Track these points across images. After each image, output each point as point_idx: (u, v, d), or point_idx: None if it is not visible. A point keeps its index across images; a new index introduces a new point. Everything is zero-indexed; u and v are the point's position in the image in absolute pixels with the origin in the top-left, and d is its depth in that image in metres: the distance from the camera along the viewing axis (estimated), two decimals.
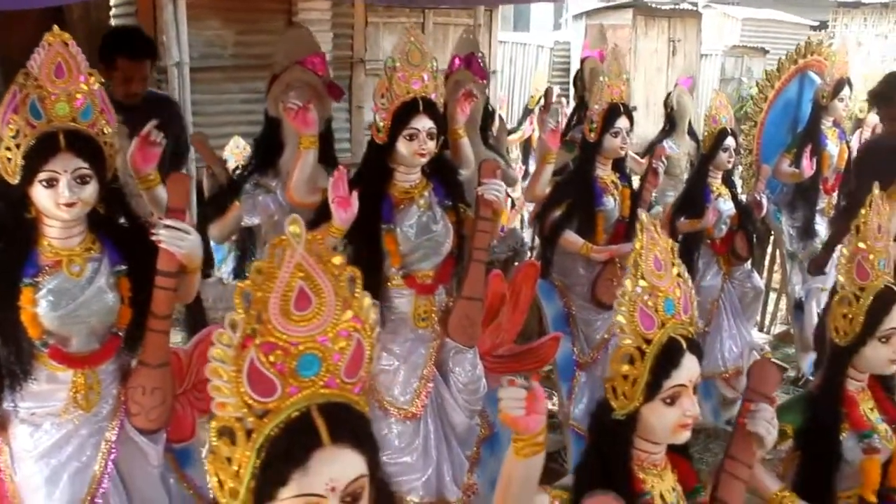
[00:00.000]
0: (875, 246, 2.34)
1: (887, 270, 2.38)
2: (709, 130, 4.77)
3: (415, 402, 3.28)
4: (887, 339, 2.32)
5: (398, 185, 3.23)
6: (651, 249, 1.79)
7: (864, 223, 2.35)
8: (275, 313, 1.26)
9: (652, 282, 1.78)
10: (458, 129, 3.78)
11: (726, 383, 4.90)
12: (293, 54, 3.69)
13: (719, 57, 15.35)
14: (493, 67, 11.38)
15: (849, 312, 2.34)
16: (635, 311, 1.77)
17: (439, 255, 3.29)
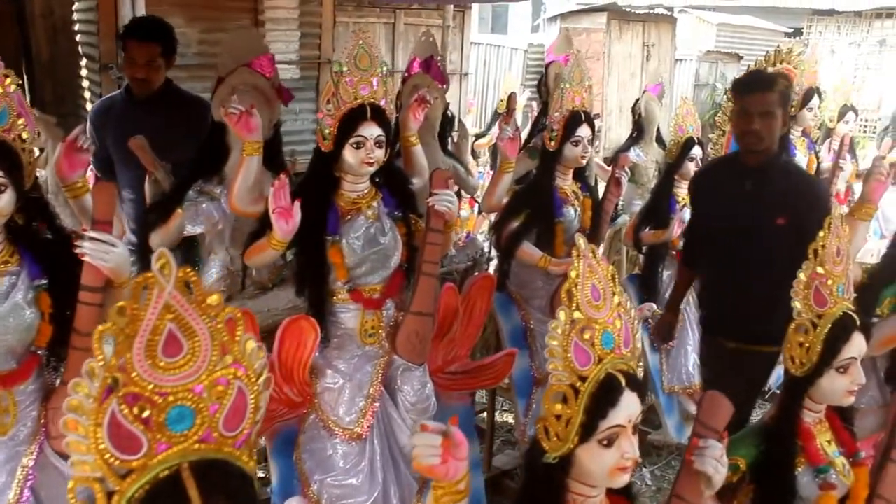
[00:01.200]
0: (834, 271, 2.21)
1: (846, 296, 2.25)
2: (675, 139, 4.67)
3: (360, 422, 3.13)
4: (845, 369, 2.19)
5: (345, 194, 3.10)
6: (588, 278, 1.65)
7: (823, 246, 2.23)
8: (140, 360, 1.10)
9: (588, 313, 1.64)
10: (411, 136, 3.64)
11: (691, 398, 4.78)
12: (239, 56, 3.54)
13: (694, 62, 15.30)
14: (465, 70, 11.32)
15: (805, 341, 2.21)
16: (569, 345, 1.62)
17: (387, 268, 3.16)
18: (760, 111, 3.32)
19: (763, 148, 3.39)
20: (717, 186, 3.65)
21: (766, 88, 3.37)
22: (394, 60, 10.11)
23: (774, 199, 3.34)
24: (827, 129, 6.62)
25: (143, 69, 4.01)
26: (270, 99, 3.57)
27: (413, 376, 3.24)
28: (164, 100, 4.10)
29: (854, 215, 2.96)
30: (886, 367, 3.03)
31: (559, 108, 3.84)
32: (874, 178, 2.95)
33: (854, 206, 3.00)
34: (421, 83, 4.24)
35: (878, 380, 3.09)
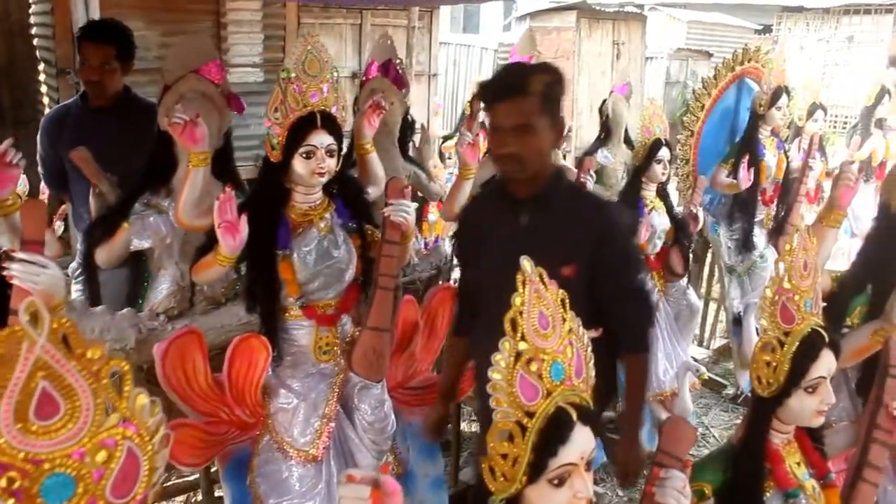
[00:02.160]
0: (801, 285, 2.11)
1: (815, 311, 2.15)
2: (642, 141, 4.56)
3: (316, 443, 3.01)
4: (814, 388, 2.09)
5: (296, 206, 2.97)
6: (535, 304, 1.53)
7: (790, 260, 2.12)
8: (7, 425, 0.97)
9: (535, 343, 1.52)
10: (366, 143, 3.51)
11: (662, 405, 4.68)
12: (187, 62, 3.40)
13: (664, 60, 15.26)
14: (434, 70, 11.19)
15: (772, 360, 2.10)
16: (514, 379, 1.50)
17: (342, 282, 3.04)
18: (513, 125, 2.54)
19: (526, 175, 2.64)
20: (486, 224, 2.89)
21: (514, 94, 2.52)
22: (360, 62, 9.97)
23: (555, 239, 2.60)
24: (796, 128, 6.56)
25: (97, 72, 3.88)
26: (220, 107, 3.44)
27: (371, 394, 3.13)
28: (121, 108, 3.98)
29: (822, 222, 2.86)
30: (857, 378, 2.94)
31: None
32: (842, 183, 2.85)
33: (822, 212, 2.90)
34: (379, 87, 4.12)
35: (850, 391, 3.00)
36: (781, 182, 5.51)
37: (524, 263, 1.53)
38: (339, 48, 9.98)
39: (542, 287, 1.54)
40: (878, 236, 2.93)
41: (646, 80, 14.20)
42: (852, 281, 2.87)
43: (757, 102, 5.33)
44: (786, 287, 2.11)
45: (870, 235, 2.99)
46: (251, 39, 8.36)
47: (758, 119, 5.34)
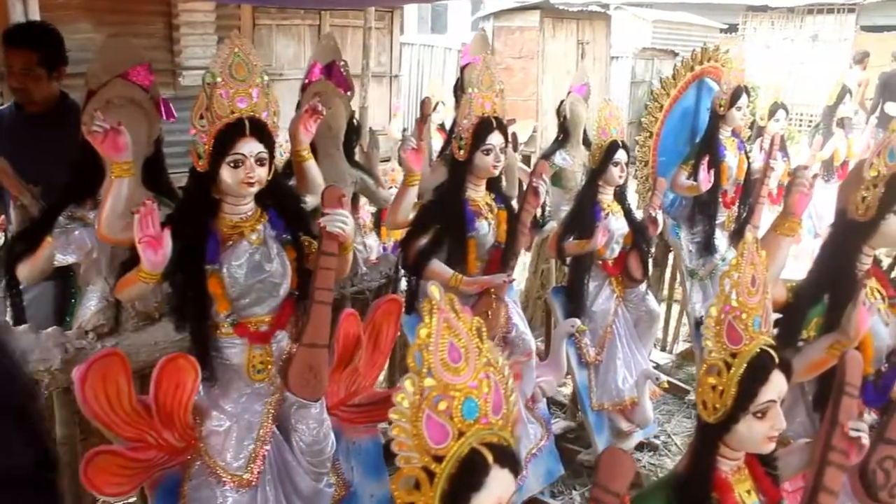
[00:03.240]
0: (748, 302, 1.96)
1: (764, 330, 2.00)
2: (597, 143, 4.43)
3: (250, 467, 2.85)
4: (764, 413, 1.94)
5: (225, 218, 2.81)
6: (445, 335, 1.37)
7: (736, 276, 1.99)
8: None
9: (444, 379, 1.36)
10: (302, 150, 3.35)
11: (621, 414, 4.55)
12: (113, 66, 3.22)
13: (629, 60, 15.17)
14: (395, 71, 11.05)
15: (718, 383, 1.95)
16: (420, 420, 1.34)
17: (275, 297, 2.88)
18: None
19: None
20: None
21: None
22: None
23: None
24: (758, 128, 6.46)
25: (21, 78, 3.70)
26: (149, 113, 3.27)
27: (308, 414, 2.96)
28: (55, 114, 3.79)
29: (777, 231, 2.72)
30: (814, 392, 2.81)
31: (467, 115, 3.57)
32: (796, 189, 2.71)
33: (776, 220, 2.75)
34: (322, 90, 3.96)
35: (807, 406, 2.87)
36: (743, 183, 5.41)
37: (432, 290, 1.38)
38: (297, 50, 9.83)
39: (452, 316, 1.38)
40: (835, 243, 2.80)
41: (611, 80, 14.12)
42: (808, 291, 2.74)
43: (717, 102, 5.21)
44: (732, 305, 1.97)
45: (826, 243, 2.86)
46: (205, 41, 8.18)
47: (718, 119, 5.23)
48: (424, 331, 1.36)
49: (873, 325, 2.67)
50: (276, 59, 9.60)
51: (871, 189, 2.69)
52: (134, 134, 3.05)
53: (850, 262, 2.73)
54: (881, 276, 2.88)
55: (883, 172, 2.68)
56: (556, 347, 4.14)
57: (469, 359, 1.39)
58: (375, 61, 10.47)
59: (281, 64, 9.64)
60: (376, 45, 10.48)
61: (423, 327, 1.36)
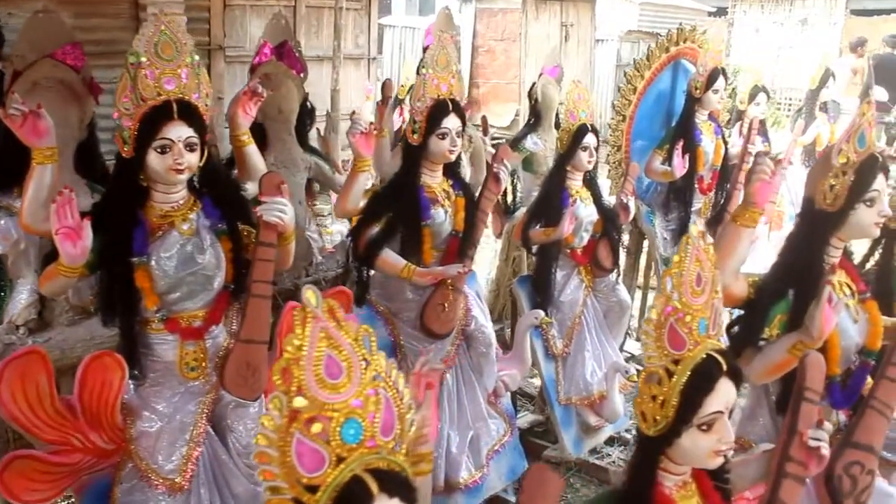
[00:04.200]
0: (693, 303, 1.77)
1: (712, 333, 1.81)
2: (565, 127, 4.25)
3: (182, 470, 2.68)
4: (709, 426, 1.76)
5: (155, 207, 2.65)
6: (321, 347, 1.19)
7: (679, 274, 1.80)
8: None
9: (320, 397, 1.18)
10: (241, 134, 3.17)
11: (590, 409, 4.40)
12: (40, 45, 3.04)
13: (615, 43, 14.96)
14: (373, 54, 10.83)
15: (659, 393, 1.76)
16: (289, 445, 1.17)
17: (209, 291, 2.72)
18: None
19: None
20: None
21: None
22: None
23: None
24: (738, 112, 6.29)
25: None
26: (80, 95, 3.09)
27: (246, 414, 2.80)
28: None
29: (737, 221, 2.50)
30: (777, 393, 2.63)
31: (421, 97, 3.39)
32: (757, 177, 2.52)
33: (736, 210, 2.56)
34: (273, 72, 3.79)
35: (770, 407, 2.69)
36: (719, 169, 5.24)
37: (307, 295, 1.20)
38: None
39: (332, 324, 1.21)
40: (801, 235, 2.61)
41: (596, 64, 13.91)
42: (772, 286, 2.54)
43: (692, 85, 5.04)
44: (674, 306, 1.78)
45: (792, 234, 2.67)
46: None
47: (693, 103, 5.06)
48: (295, 343, 1.18)
49: (841, 322, 2.49)
50: (249, 40, 9.33)
51: (840, 177, 2.50)
52: (63, 117, 2.89)
53: (816, 256, 2.55)
54: (851, 270, 2.70)
55: (852, 159, 2.50)
56: (520, 340, 3.98)
57: (352, 373, 1.21)
58: (353, 43, 10.26)
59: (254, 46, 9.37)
60: (353, 27, 10.26)
61: (295, 339, 1.19)
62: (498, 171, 3.60)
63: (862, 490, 2.30)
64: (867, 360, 2.63)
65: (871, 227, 2.56)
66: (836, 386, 2.59)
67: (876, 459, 2.34)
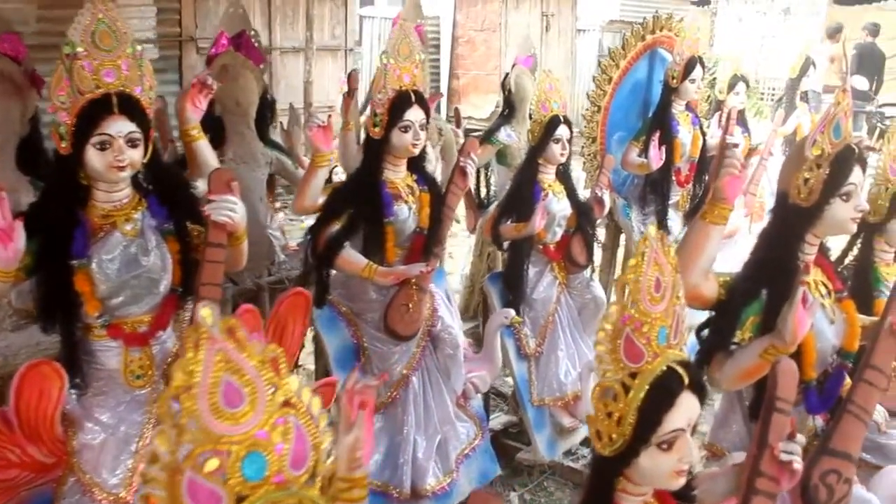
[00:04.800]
0: (651, 311, 1.63)
1: (674, 342, 1.67)
2: (537, 118, 4.12)
3: (127, 484, 2.55)
4: (670, 444, 1.62)
5: (96, 206, 2.51)
6: (218, 373, 1.05)
7: (635, 279, 1.64)
8: None
9: (216, 430, 1.04)
10: (191, 129, 3.02)
11: (564, 410, 4.27)
12: None
13: (597, 33, 14.81)
14: (350, 45, 10.66)
15: (615, 410, 1.63)
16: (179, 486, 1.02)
17: (154, 294, 2.58)
18: None
19: None
20: None
21: None
22: (270, 38, 9.44)
23: None
24: (717, 102, 6.16)
25: None
26: (22, 88, 2.94)
27: None
28: None
29: (705, 218, 2.34)
30: (751, 399, 2.50)
31: (382, 89, 3.25)
32: (726, 172, 2.37)
33: (705, 207, 2.40)
34: (230, 63, 3.65)
35: (744, 413, 2.56)
36: (697, 161, 5.11)
37: (203, 314, 1.06)
38: None
39: (230, 345, 1.06)
40: (775, 231, 2.47)
41: (577, 54, 13.77)
42: (744, 286, 2.40)
43: (669, 74, 4.91)
44: (631, 314, 1.64)
45: (765, 231, 2.53)
46: (142, 13, 7.80)
47: (670, 93, 4.93)
48: (187, 369, 1.04)
49: (816, 323, 2.36)
50: None
51: (815, 170, 2.36)
52: (3, 111, 2.73)
53: (790, 253, 2.40)
54: (827, 268, 2.56)
55: (827, 151, 2.36)
56: (490, 340, 3.84)
57: (256, 401, 1.07)
58: (329, 34, 10.09)
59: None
60: (330, 17, 10.09)
61: (186, 364, 1.04)
62: (465, 164, 3.47)
63: (839, 500, 2.19)
64: (844, 363, 2.50)
65: (848, 222, 2.43)
66: (812, 391, 2.46)
67: (854, 467, 2.22)
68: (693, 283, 2.30)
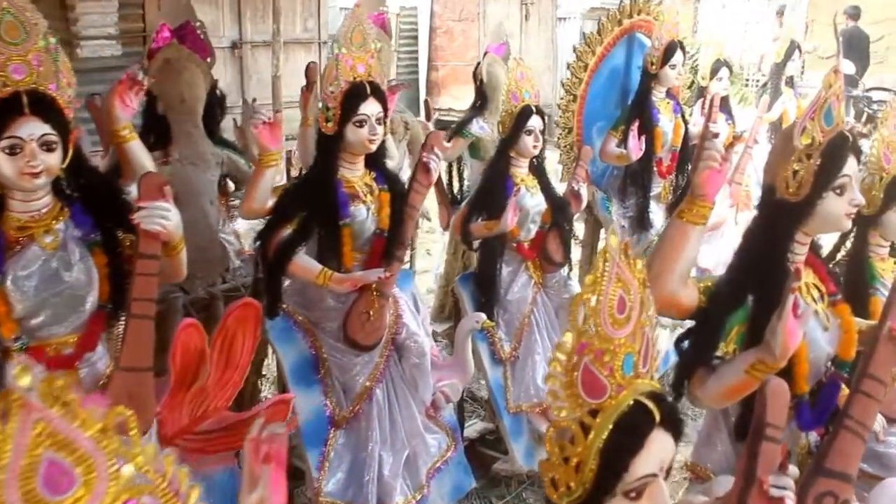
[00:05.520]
0: (615, 336, 1.36)
1: (644, 370, 1.41)
2: (507, 108, 3.88)
3: None
4: (639, 493, 1.34)
5: (12, 217, 2.27)
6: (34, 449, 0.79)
7: (594, 299, 1.36)
8: None
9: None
10: (121, 129, 2.77)
11: (542, 416, 4.03)
12: None
13: (578, 20, 14.54)
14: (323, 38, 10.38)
15: (573, 455, 1.36)
16: None
17: (79, 312, 2.35)
18: None
19: None
20: None
21: None
22: (241, 31, 9.17)
23: None
24: (699, 88, 5.93)
25: None
26: None
27: None
28: None
29: (683, 217, 2.08)
30: (737, 415, 2.26)
31: (334, 80, 3.00)
32: (705, 165, 2.05)
33: (682, 205, 2.13)
34: (174, 56, 3.40)
35: (729, 431, 2.32)
36: (680, 150, 4.88)
37: (16, 372, 0.81)
38: (215, 16, 9.17)
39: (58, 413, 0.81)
40: (761, 229, 2.21)
41: (557, 43, 13.51)
42: (728, 292, 2.13)
43: (648, 60, 4.67)
44: (590, 341, 1.35)
45: (750, 229, 2.26)
46: (104, 9, 7.52)
47: (650, 79, 4.70)
48: None
49: (809, 332, 2.11)
50: None
51: (805, 161, 2.11)
52: None
53: (779, 254, 2.15)
54: (820, 269, 2.30)
55: (818, 139, 2.11)
56: (461, 346, 3.60)
57: (94, 482, 0.82)
58: (301, 27, 9.82)
59: None
60: (302, 10, 9.82)
61: None
62: (428, 161, 3.22)
63: None
64: (839, 373, 2.26)
65: (843, 218, 2.17)
66: (805, 406, 2.21)
67: (852, 488, 1.98)
68: (670, 291, 2.05)
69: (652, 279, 2.07)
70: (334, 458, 3.22)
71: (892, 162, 2.91)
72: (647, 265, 1.58)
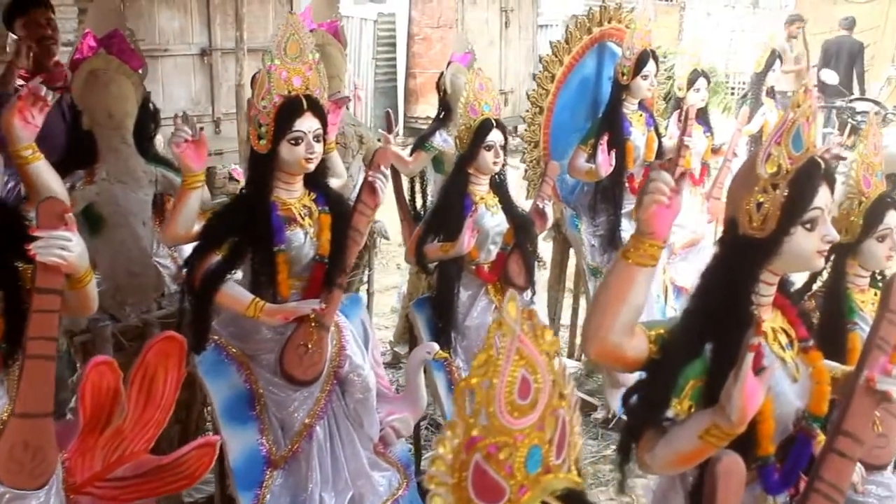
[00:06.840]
0: (515, 426, 1.07)
1: (558, 462, 1.10)
2: (465, 122, 3.65)
3: None
4: None
5: None
6: None
7: (485, 382, 1.08)
8: None
9: None
10: (22, 149, 2.52)
11: None
12: None
13: (559, 28, 14.36)
14: None
15: None
16: None
17: None
18: None
19: None
20: None
21: None
22: (211, 39, 8.95)
23: None
24: (676, 100, 5.72)
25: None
26: None
27: None
28: None
29: (628, 258, 1.81)
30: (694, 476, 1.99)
31: (266, 94, 2.76)
32: (650, 200, 1.78)
33: (628, 244, 1.84)
34: (101, 67, 3.15)
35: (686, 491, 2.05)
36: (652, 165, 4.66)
37: None
38: (183, 23, 8.97)
39: None
40: (722, 269, 1.96)
41: (538, 51, 13.32)
42: (682, 340, 1.88)
43: (619, 70, 4.45)
44: (480, 435, 1.08)
45: (710, 268, 2.00)
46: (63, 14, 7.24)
47: (621, 90, 4.49)
48: None
49: (775, 385, 1.86)
50: (159, 33, 8.68)
51: (770, 192, 1.86)
52: None
53: (742, 297, 1.89)
54: (789, 311, 2.04)
55: (785, 167, 1.86)
56: (412, 378, 3.36)
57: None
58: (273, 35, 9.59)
59: (165, 39, 8.71)
60: (275, 16, 9.59)
61: None
62: (373, 180, 2.99)
63: None
64: (810, 428, 2.01)
65: (814, 256, 1.90)
66: (771, 468, 1.95)
67: None
68: (612, 342, 1.80)
69: (592, 328, 1.84)
70: (270, 500, 2.98)
71: (871, 185, 2.70)
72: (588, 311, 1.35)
